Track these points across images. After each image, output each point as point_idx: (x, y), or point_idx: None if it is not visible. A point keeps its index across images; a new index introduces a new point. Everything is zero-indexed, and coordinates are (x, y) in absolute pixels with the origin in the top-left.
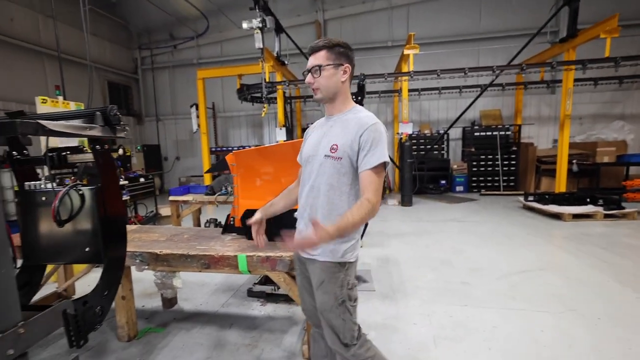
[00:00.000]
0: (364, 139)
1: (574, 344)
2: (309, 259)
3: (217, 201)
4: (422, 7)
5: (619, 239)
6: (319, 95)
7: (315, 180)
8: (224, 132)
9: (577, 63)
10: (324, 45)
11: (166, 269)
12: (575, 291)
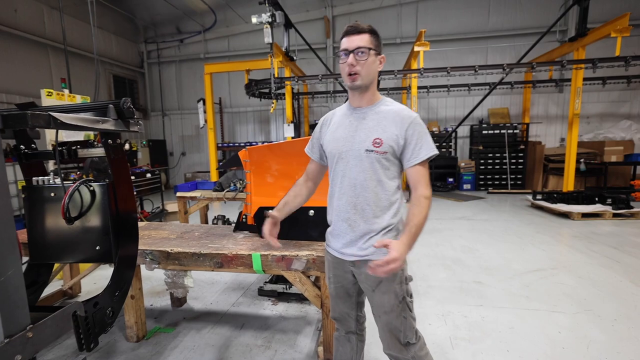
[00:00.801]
0: (410, 132)
1: (591, 346)
2: (361, 260)
3: (225, 197)
4: (431, 4)
5: (629, 239)
6: (359, 81)
7: (357, 177)
8: (231, 127)
9: (588, 62)
10: (368, 29)
11: (177, 267)
12: (588, 291)
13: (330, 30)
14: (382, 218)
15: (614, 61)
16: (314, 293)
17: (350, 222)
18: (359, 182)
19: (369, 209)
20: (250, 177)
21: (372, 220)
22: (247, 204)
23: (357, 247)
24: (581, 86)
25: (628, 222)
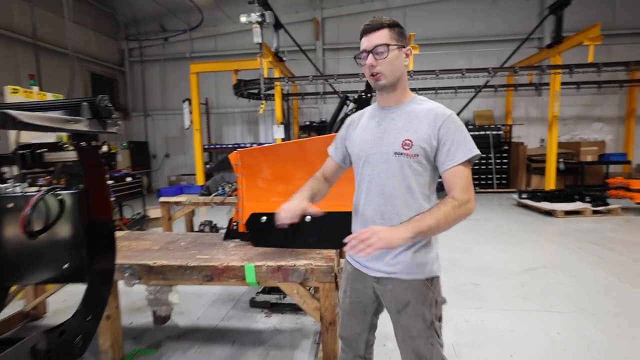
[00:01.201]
0: (444, 132)
1: (591, 346)
2: (385, 278)
3: (213, 202)
4: (418, 9)
5: (609, 235)
6: (383, 81)
7: (385, 183)
8: (218, 128)
9: (565, 67)
10: (385, 23)
11: (161, 282)
12: (580, 288)
13: (319, 32)
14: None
15: (588, 67)
16: (312, 305)
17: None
18: (387, 189)
19: (397, 219)
20: (242, 181)
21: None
22: (238, 210)
23: (384, 262)
24: (559, 90)
25: (606, 218)
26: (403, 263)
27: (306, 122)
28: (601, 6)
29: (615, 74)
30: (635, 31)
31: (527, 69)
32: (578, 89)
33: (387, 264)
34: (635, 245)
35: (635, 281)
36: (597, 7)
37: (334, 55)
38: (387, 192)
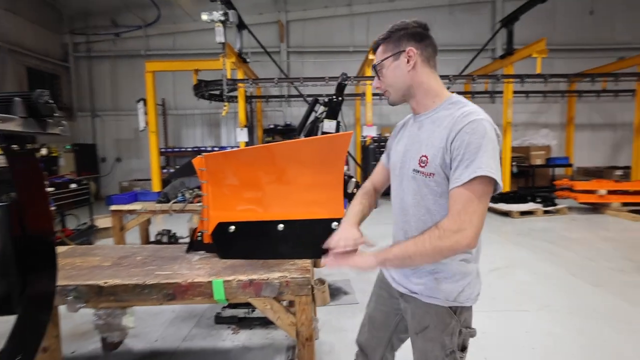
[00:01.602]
0: (456, 145)
1: (558, 343)
2: (407, 295)
3: (172, 210)
4: (381, 16)
5: (560, 233)
6: (390, 97)
7: (403, 200)
8: (176, 131)
9: (517, 77)
10: (381, 39)
11: (113, 305)
12: (541, 286)
13: (284, 35)
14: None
15: (536, 77)
16: (288, 321)
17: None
18: (408, 208)
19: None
20: (207, 188)
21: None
22: (203, 219)
23: (409, 280)
24: (512, 98)
25: (555, 217)
26: (425, 286)
27: (270, 125)
28: (544, 23)
29: (557, 85)
30: (571, 47)
31: (484, 78)
32: (527, 98)
33: (410, 281)
34: (582, 243)
35: (588, 277)
36: (542, 24)
37: (299, 58)
38: (408, 211)
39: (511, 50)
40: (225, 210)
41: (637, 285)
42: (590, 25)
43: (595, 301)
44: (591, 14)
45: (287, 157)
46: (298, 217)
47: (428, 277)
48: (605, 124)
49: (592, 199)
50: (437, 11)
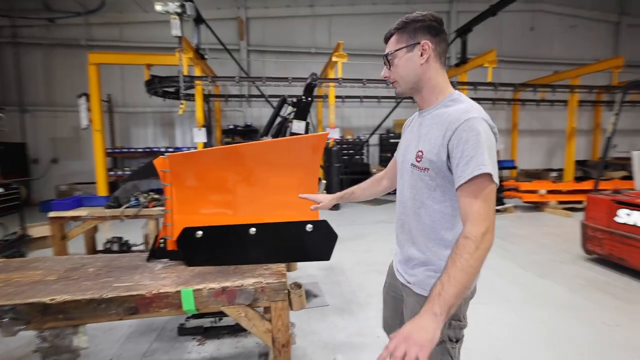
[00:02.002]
0: (454, 142)
1: (518, 331)
2: (405, 285)
3: (124, 215)
4: (343, 19)
5: (509, 230)
6: (398, 88)
7: (403, 193)
8: (124, 130)
9: (471, 84)
10: (395, 29)
11: (62, 324)
12: (498, 280)
13: (244, 32)
14: (427, 248)
15: (488, 85)
16: (263, 328)
17: (400, 241)
18: (406, 200)
19: (414, 233)
20: (171, 190)
21: (418, 247)
22: (166, 224)
23: (405, 271)
24: None
25: (504, 215)
26: (416, 278)
27: (230, 126)
28: (493, 36)
29: (504, 94)
30: (515, 59)
31: None
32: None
33: (406, 272)
34: (529, 238)
35: (535, 269)
36: (491, 37)
37: (260, 57)
38: (406, 204)
39: (465, 59)
40: (192, 214)
41: (575, 275)
42: (531, 41)
43: (543, 291)
44: (532, 30)
45: (260, 158)
46: (271, 220)
47: (420, 270)
48: (543, 130)
49: (534, 198)
50: (397, 17)
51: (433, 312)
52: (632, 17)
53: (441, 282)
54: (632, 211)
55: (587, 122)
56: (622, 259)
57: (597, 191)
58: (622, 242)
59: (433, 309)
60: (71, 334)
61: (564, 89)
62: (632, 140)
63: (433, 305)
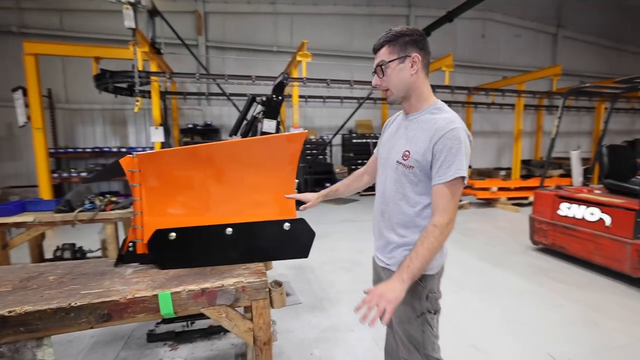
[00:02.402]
0: (439, 148)
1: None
2: (385, 268)
3: (77, 220)
4: (305, 18)
5: (466, 225)
6: (391, 96)
7: (386, 187)
8: (69, 128)
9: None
10: (385, 41)
11: (22, 337)
12: (457, 271)
13: (202, 27)
14: (406, 233)
15: (445, 89)
16: (244, 327)
17: (379, 228)
18: (388, 193)
19: (394, 220)
20: (140, 191)
21: (397, 232)
22: (135, 227)
23: (383, 255)
24: None
25: (461, 211)
26: (396, 259)
27: (188, 125)
28: (449, 41)
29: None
30: (468, 64)
31: None
32: None
33: (385, 256)
34: (483, 232)
35: (490, 260)
36: (447, 42)
37: (219, 54)
38: (387, 195)
39: None
40: (163, 216)
41: (525, 263)
42: (482, 47)
43: (498, 279)
44: (483, 37)
45: (237, 157)
46: (248, 220)
47: (398, 251)
48: (493, 132)
49: (486, 195)
50: (357, 19)
51: (401, 279)
52: (567, 29)
53: (410, 257)
54: (572, 205)
55: (530, 124)
56: (563, 248)
57: (543, 188)
58: (563, 232)
59: (402, 276)
60: (34, 347)
61: (512, 93)
62: (567, 141)
63: (402, 273)
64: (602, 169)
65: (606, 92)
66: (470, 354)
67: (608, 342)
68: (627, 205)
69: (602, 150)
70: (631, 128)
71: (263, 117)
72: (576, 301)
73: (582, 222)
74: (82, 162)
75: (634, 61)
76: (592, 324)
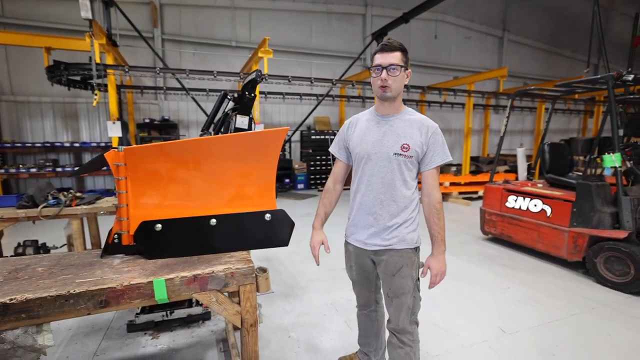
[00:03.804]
0: (432, 141)
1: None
2: (383, 249)
3: (42, 216)
4: (263, 14)
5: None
6: (389, 93)
7: (385, 176)
8: (15, 122)
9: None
10: (400, 47)
11: (22, 324)
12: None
13: (158, 19)
14: (404, 212)
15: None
16: (233, 310)
17: (376, 216)
18: (387, 181)
19: (394, 204)
20: (126, 185)
21: (396, 214)
22: (121, 219)
23: (381, 238)
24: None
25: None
26: (397, 237)
27: (145, 119)
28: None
29: (412, 95)
30: (421, 64)
31: (361, 83)
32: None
33: (383, 239)
34: (450, 225)
35: (458, 253)
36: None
37: (176, 47)
38: (387, 183)
39: None
40: (149, 208)
41: (477, 252)
42: (435, 48)
43: (454, 266)
44: (436, 38)
45: (220, 152)
46: (231, 211)
47: (399, 229)
48: (444, 129)
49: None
50: (316, 16)
51: (442, 250)
52: (512, 33)
53: (438, 232)
54: (518, 197)
55: (478, 123)
56: (510, 237)
57: (492, 182)
58: (510, 222)
59: (441, 248)
60: (34, 333)
61: (462, 93)
62: (511, 139)
63: (440, 245)
64: (543, 164)
65: (548, 95)
66: (433, 331)
67: (549, 316)
68: (565, 197)
69: (544, 148)
70: (567, 127)
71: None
72: (522, 284)
73: (526, 213)
74: (31, 158)
75: (568, 64)
76: (536, 302)
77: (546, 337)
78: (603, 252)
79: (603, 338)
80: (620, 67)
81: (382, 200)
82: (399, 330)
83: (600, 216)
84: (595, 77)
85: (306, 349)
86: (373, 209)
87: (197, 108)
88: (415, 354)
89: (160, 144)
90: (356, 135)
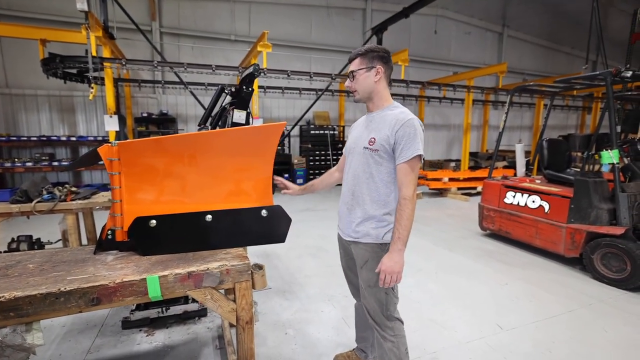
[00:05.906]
0: (400, 134)
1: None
2: (353, 242)
3: (36, 211)
4: (262, 7)
5: (420, 213)
6: (357, 96)
7: (356, 170)
8: (9, 115)
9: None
10: (357, 54)
11: (11, 322)
12: (413, 255)
13: (156, 12)
14: (374, 208)
15: (401, 82)
16: (228, 308)
17: (348, 207)
18: (357, 174)
19: (363, 197)
20: (120, 180)
21: (366, 208)
22: (115, 215)
23: (352, 230)
24: None
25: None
26: (362, 232)
27: (143, 113)
28: (404, 36)
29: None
30: (421, 59)
31: None
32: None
33: (353, 230)
34: (437, 220)
35: (443, 245)
36: (402, 37)
37: (174, 40)
38: (356, 176)
39: None
40: (144, 204)
41: (475, 247)
42: (434, 43)
43: (451, 262)
44: (435, 34)
45: (217, 146)
46: (227, 207)
47: (365, 224)
48: (444, 125)
49: (439, 185)
50: (316, 11)
51: (398, 249)
52: (511, 29)
53: (397, 229)
54: (516, 193)
55: (477, 118)
56: (508, 233)
57: (491, 178)
58: (508, 218)
59: (397, 246)
60: (23, 332)
61: (462, 88)
62: (510, 135)
63: (396, 244)
64: (542, 160)
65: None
66: (429, 327)
67: (546, 312)
68: (563, 193)
69: (543, 144)
70: (565, 123)
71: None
72: (519, 279)
73: (525, 209)
74: (27, 152)
75: (567, 61)
76: (533, 298)
77: (543, 332)
78: (600, 248)
79: (600, 334)
80: (619, 64)
81: (354, 192)
82: (378, 324)
83: (597, 212)
84: (594, 73)
85: (303, 345)
86: (347, 199)
87: (196, 102)
88: (400, 349)
89: (154, 138)
90: (351, 133)
